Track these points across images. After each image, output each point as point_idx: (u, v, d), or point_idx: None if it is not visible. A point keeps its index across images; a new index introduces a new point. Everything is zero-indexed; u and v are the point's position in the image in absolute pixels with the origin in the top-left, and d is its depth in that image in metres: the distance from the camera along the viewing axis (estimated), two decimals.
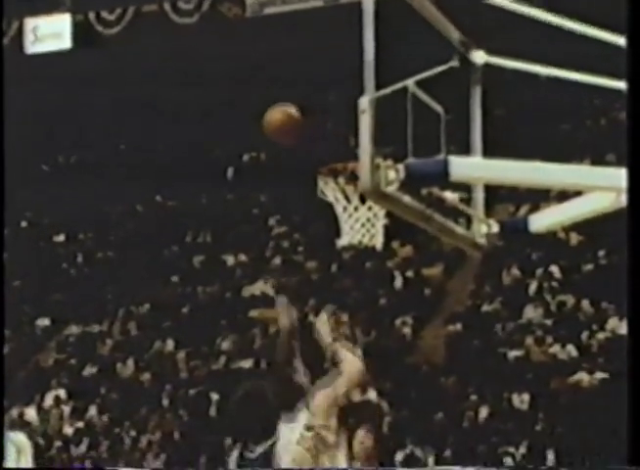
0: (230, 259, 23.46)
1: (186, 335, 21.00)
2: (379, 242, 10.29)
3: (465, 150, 7.10)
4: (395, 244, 20.87)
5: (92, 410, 19.75)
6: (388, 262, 21.09)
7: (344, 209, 9.89)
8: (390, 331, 19.57)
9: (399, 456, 15.91)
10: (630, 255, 5.34)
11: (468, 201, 7.79)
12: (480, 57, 6.78)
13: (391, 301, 20.14)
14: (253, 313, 21.35)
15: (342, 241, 10.13)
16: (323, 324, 6.35)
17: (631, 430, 5.20)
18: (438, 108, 6.49)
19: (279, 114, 6.38)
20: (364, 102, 5.83)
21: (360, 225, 9.98)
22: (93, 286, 23.24)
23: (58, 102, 25.23)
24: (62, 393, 20.59)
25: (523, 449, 15.17)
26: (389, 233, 20.37)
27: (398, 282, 20.60)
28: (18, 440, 5.95)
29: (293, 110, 6.38)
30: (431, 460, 15.67)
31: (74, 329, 22.77)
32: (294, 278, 21.98)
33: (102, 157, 26.48)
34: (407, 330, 19.42)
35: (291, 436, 6.17)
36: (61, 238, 26.07)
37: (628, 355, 5.03)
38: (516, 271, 19.18)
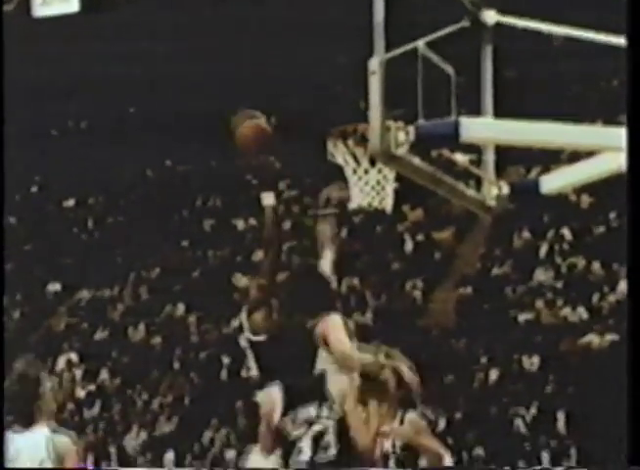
0: (240, 224, 23.45)
1: (197, 299, 21.04)
2: (389, 205, 10.22)
3: (476, 112, 7.05)
4: (405, 207, 20.84)
5: (104, 374, 19.84)
6: (398, 226, 21.06)
7: (354, 171, 9.82)
8: (401, 295, 19.58)
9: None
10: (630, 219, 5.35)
11: (478, 163, 7.76)
12: (491, 17, 6.72)
13: (402, 264, 20.12)
14: None
15: (352, 204, 10.07)
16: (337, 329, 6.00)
17: (631, 430, 5.21)
18: (449, 69, 6.43)
19: (249, 130, 6.21)
20: (374, 63, 5.80)
21: (370, 188, 9.91)
22: (103, 251, 23.28)
23: (66, 66, 25.17)
24: (73, 356, 20.69)
25: (533, 411, 15.20)
26: (400, 197, 20.31)
27: (409, 246, 20.58)
28: (60, 443, 5.51)
29: (261, 122, 6.24)
30: (442, 422, 15.71)
31: (85, 294, 22.84)
32: (304, 242, 21.97)
33: (111, 121, 26.43)
34: (417, 293, 19.42)
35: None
36: (71, 203, 26.08)
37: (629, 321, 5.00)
38: (526, 234, 19.13)
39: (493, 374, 16.52)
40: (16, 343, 21.54)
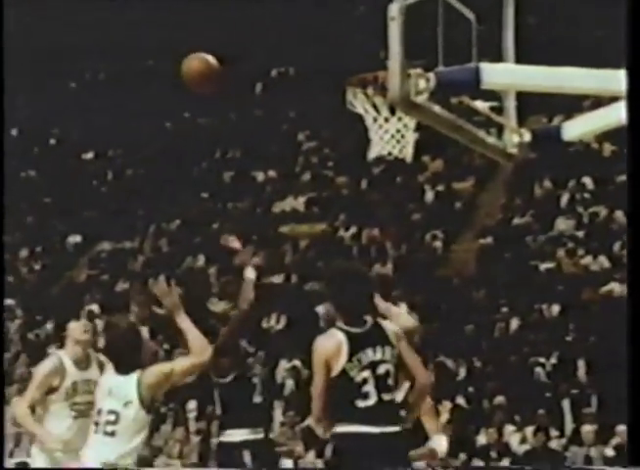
0: (260, 175, 23.42)
1: (217, 251, 21.04)
2: (409, 154, 10.16)
3: (497, 59, 6.97)
4: (426, 158, 20.75)
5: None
6: (418, 177, 20.99)
7: (374, 120, 9.75)
8: (421, 245, 19.54)
9: (431, 367, 15.98)
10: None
11: (499, 110, 7.68)
12: None
13: (422, 215, 20.07)
14: (284, 229, 21.38)
15: (372, 153, 10.01)
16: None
17: (631, 430, 5.18)
18: (470, 15, 6.36)
19: (197, 62, 6.13)
20: (394, 9, 5.73)
21: (390, 136, 9.84)
22: (123, 203, 23.31)
23: (85, 19, 25.06)
24: (95, 308, 20.77)
25: (553, 360, 15.18)
26: (420, 147, 20.27)
27: (429, 196, 20.51)
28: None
29: (210, 58, 6.14)
30: (462, 371, 15.73)
31: (106, 246, 22.90)
32: (323, 193, 21.95)
33: (130, 73, 26.34)
34: (438, 244, 19.39)
35: None
36: (90, 155, 26.09)
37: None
38: (547, 183, 19.01)
39: (514, 323, 16.50)
40: (37, 296, 21.69)
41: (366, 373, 5.32)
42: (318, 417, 5.34)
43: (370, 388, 5.28)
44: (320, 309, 18.49)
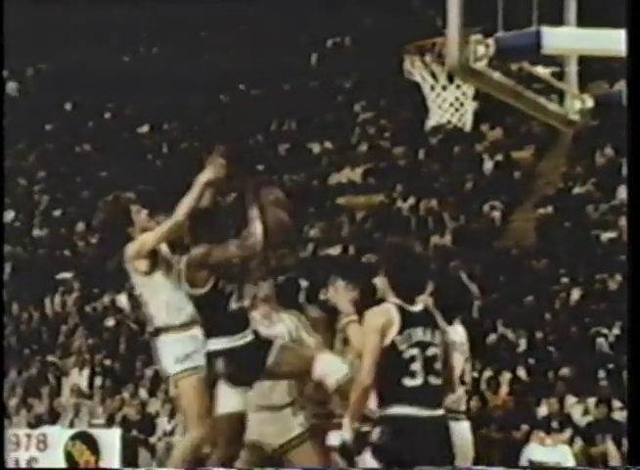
0: (316, 147, 23.27)
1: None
2: (468, 122, 9.99)
3: (558, 23, 6.77)
4: (484, 127, 20.44)
5: None
6: (476, 146, 20.71)
7: (432, 88, 9.58)
8: (479, 216, 19.31)
9: (491, 338, 15.81)
10: None
11: (560, 76, 7.48)
12: None
13: (480, 185, 19.81)
14: (341, 201, 21.23)
15: (431, 121, 9.86)
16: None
17: (631, 430, 5.06)
18: None
19: None
20: None
21: (448, 105, 9.67)
22: (179, 176, 23.23)
23: None
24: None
25: (616, 330, 14.89)
26: (478, 116, 19.97)
27: (487, 166, 20.24)
28: None
29: None
30: (523, 342, 15.52)
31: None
32: (380, 164, 21.75)
33: (184, 46, 26.31)
34: (496, 214, 19.14)
35: None
36: (145, 129, 26.09)
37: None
38: (609, 151, 18.62)
39: (575, 294, 16.24)
40: (93, 270, 21.78)
41: (415, 351, 5.25)
42: (366, 386, 5.25)
43: (418, 367, 5.23)
44: (377, 281, 18.38)
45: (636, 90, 5.68)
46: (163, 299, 6.57)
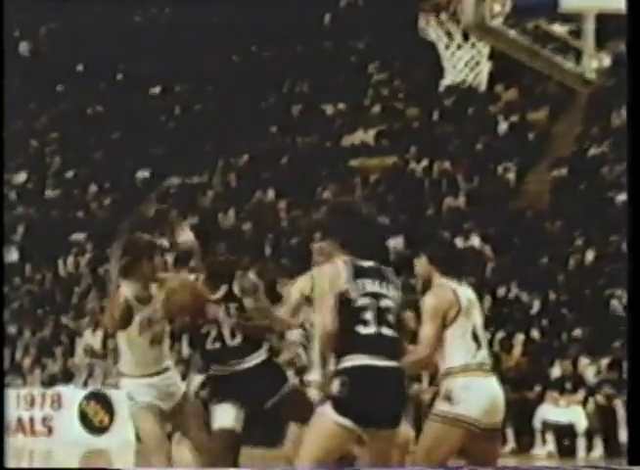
0: (329, 109, 23.14)
1: (286, 185, 20.92)
2: (483, 82, 9.90)
3: None
4: (499, 87, 20.26)
5: (195, 259, 19.89)
6: (491, 107, 20.54)
7: (447, 47, 9.49)
8: (493, 178, 19.20)
9: (505, 300, 15.77)
10: None
11: (578, 34, 7.38)
12: None
13: (494, 146, 19.69)
14: (354, 163, 21.14)
15: (446, 81, 9.77)
16: None
17: (631, 430, 5.07)
18: None
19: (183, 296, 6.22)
20: None
21: (464, 64, 9.57)
22: (191, 138, 23.20)
23: None
24: (164, 242, 20.78)
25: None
26: (493, 76, 19.80)
27: (502, 127, 20.08)
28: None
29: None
30: (537, 303, 15.48)
31: (174, 181, 22.87)
32: (394, 126, 21.62)
33: (195, 9, 26.11)
34: (511, 176, 19.03)
35: None
36: (157, 90, 25.98)
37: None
38: (625, 111, 18.45)
39: (589, 255, 16.17)
40: (106, 231, 21.76)
41: (367, 300, 5.30)
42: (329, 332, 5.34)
43: (370, 316, 5.27)
44: (391, 243, 18.32)
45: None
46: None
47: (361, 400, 5.11)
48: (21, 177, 24.67)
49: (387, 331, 5.26)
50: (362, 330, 5.22)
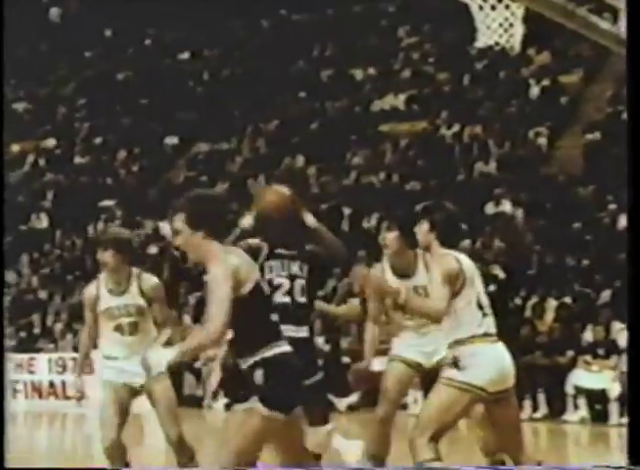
0: (358, 73, 22.97)
1: (316, 150, 20.80)
2: (516, 44, 9.71)
3: None
4: (532, 50, 20.03)
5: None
6: (523, 71, 20.32)
7: (480, 8, 9.30)
8: (525, 142, 19.01)
9: (537, 265, 15.66)
10: None
11: None
12: None
13: (526, 111, 19.48)
14: (384, 128, 20.99)
15: (478, 43, 9.59)
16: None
17: (631, 430, 5.00)
18: None
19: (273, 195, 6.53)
20: None
21: (497, 25, 9.39)
22: (220, 104, 23.10)
23: None
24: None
25: None
26: (526, 39, 19.54)
27: (534, 91, 19.86)
28: None
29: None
30: (569, 269, 15.33)
31: (203, 147, 22.80)
32: (424, 90, 21.44)
33: None
34: (542, 140, 18.83)
35: None
36: (185, 55, 25.88)
37: None
38: None
39: (622, 221, 15.99)
40: (135, 198, 21.77)
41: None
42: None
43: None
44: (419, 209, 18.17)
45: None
46: None
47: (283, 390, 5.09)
48: (50, 143, 24.68)
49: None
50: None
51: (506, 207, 17.37)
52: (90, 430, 13.85)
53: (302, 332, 6.26)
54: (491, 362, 5.61)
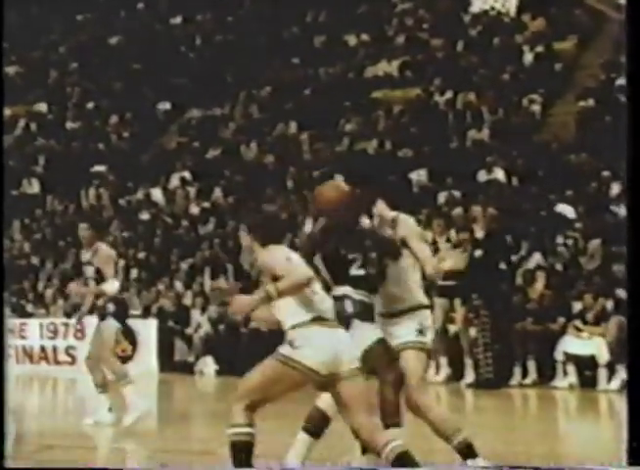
0: (352, 39, 22.86)
1: (309, 117, 20.72)
2: (512, 8, 9.68)
3: None
4: (526, 17, 19.92)
5: (217, 191, 19.83)
6: (517, 37, 20.22)
7: None
8: (518, 109, 18.96)
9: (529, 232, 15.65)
10: None
11: None
12: None
13: (520, 77, 19.41)
14: (377, 94, 20.90)
15: (474, 7, 9.57)
16: None
17: (631, 430, 5.23)
18: None
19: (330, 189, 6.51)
20: None
21: None
22: (213, 69, 22.99)
23: None
24: (186, 174, 20.71)
25: None
26: (521, 5, 19.47)
27: (528, 58, 19.78)
28: None
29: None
30: (560, 236, 15.32)
31: (195, 112, 22.70)
32: (418, 57, 21.34)
33: None
34: (536, 107, 18.78)
35: None
36: (178, 20, 25.72)
37: None
38: None
39: (615, 188, 15.98)
40: (127, 163, 21.69)
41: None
42: None
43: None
44: (414, 176, 18.13)
45: None
46: None
47: None
48: (41, 108, 24.55)
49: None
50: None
51: (498, 174, 17.34)
52: (81, 394, 13.89)
53: None
54: (325, 346, 5.69)
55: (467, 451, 6.18)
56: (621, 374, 12.74)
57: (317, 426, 6.19)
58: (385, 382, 6.02)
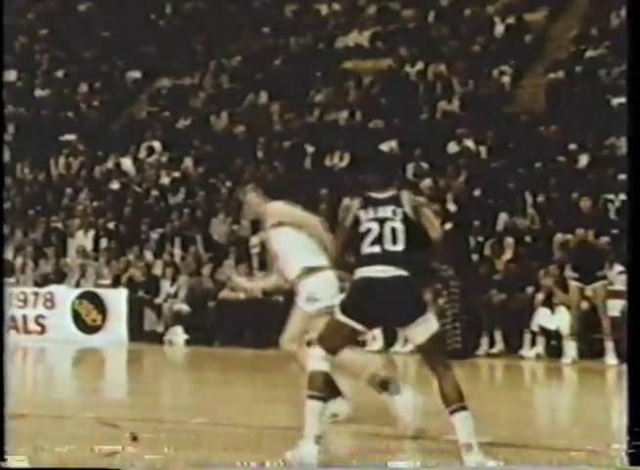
0: (323, 9, 22.81)
1: (279, 87, 20.68)
2: None
3: None
4: None
5: (187, 161, 19.80)
6: (487, 8, 20.26)
7: None
8: (489, 80, 19.00)
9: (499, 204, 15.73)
10: None
11: None
12: None
13: (490, 49, 19.45)
14: (348, 65, 20.89)
15: None
16: None
17: (631, 430, 5.36)
18: None
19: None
20: None
21: None
22: (183, 38, 22.87)
23: None
24: (156, 144, 20.65)
25: (622, 197, 14.72)
26: None
27: (498, 29, 19.82)
28: None
29: None
30: (529, 208, 15.42)
31: (165, 82, 22.59)
32: (389, 27, 21.33)
33: None
34: (506, 79, 18.84)
35: None
36: None
37: None
38: (625, 12, 18.19)
39: (583, 159, 16.08)
40: (97, 132, 21.59)
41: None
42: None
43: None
44: (384, 147, 18.17)
45: None
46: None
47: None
48: (10, 75, 24.35)
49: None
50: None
51: (469, 145, 17.40)
52: (51, 363, 13.91)
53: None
54: None
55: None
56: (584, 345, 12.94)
57: (322, 389, 6.12)
58: None
